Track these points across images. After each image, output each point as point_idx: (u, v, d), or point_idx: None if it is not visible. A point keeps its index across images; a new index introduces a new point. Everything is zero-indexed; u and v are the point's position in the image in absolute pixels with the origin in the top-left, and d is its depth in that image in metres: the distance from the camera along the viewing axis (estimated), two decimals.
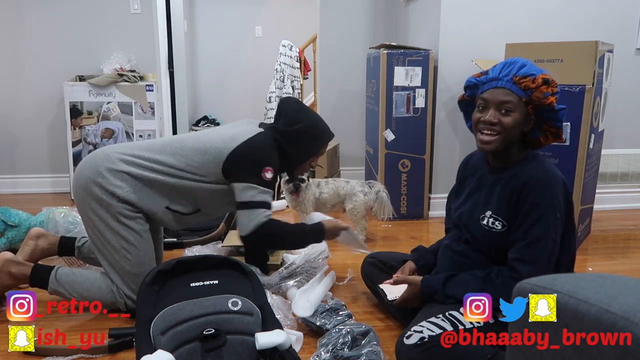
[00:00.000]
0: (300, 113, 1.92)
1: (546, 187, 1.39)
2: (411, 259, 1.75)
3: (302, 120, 1.89)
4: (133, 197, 1.74)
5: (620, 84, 2.90)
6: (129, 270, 1.76)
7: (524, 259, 1.39)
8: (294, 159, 1.93)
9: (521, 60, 1.43)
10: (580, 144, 2.30)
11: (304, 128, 1.88)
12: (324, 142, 1.99)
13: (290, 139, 1.87)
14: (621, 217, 3.03)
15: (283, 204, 3.21)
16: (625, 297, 0.68)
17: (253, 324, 1.39)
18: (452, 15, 2.87)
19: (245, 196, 1.75)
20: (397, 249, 2.48)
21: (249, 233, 1.75)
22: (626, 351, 0.62)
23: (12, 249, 2.34)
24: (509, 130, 1.40)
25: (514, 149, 1.47)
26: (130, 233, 1.75)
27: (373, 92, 3.08)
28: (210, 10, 5.94)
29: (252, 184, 1.75)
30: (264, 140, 1.82)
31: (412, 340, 1.36)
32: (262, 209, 1.76)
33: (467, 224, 1.55)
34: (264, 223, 1.74)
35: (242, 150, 1.77)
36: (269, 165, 1.78)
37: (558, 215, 1.38)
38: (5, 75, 3.44)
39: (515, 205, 1.42)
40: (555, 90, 1.40)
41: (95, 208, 1.74)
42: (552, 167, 1.45)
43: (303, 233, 1.90)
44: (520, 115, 1.41)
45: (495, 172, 1.51)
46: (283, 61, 4.82)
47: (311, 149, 1.95)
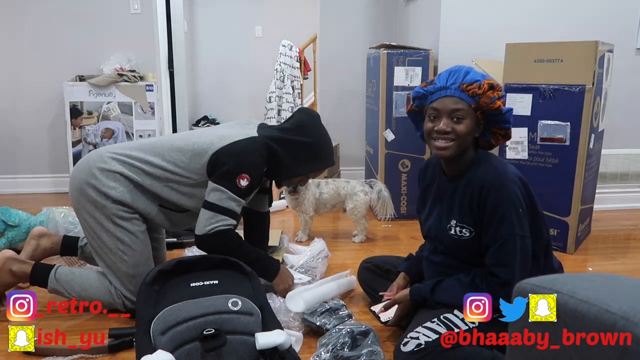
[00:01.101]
0: (315, 128, 1.88)
1: (501, 187, 1.40)
2: (403, 270, 1.75)
3: (315, 136, 1.86)
4: (127, 198, 1.74)
5: (620, 84, 2.90)
6: (125, 271, 1.75)
7: (499, 263, 1.41)
8: (286, 171, 1.88)
9: (465, 67, 1.46)
10: (580, 144, 2.30)
11: (312, 143, 1.84)
12: (324, 167, 1.95)
13: (293, 149, 1.83)
14: (621, 217, 3.03)
15: (283, 204, 3.21)
16: (625, 297, 0.68)
17: (253, 324, 1.39)
18: (452, 15, 2.87)
19: (212, 197, 1.71)
20: (397, 249, 2.49)
21: (201, 234, 1.72)
22: (626, 351, 0.62)
23: (12, 249, 2.34)
24: (462, 137, 1.43)
25: (466, 154, 1.49)
26: (126, 234, 1.74)
27: (373, 92, 3.08)
28: (210, 10, 5.94)
29: (223, 187, 1.70)
30: (251, 145, 1.76)
31: (409, 347, 1.36)
32: (224, 216, 1.71)
33: (437, 236, 1.57)
34: (219, 231, 1.70)
35: (225, 152, 1.73)
36: (246, 173, 1.72)
37: (520, 211, 1.41)
38: (6, 76, 3.44)
39: (476, 210, 1.44)
40: (500, 94, 1.43)
41: (90, 210, 1.74)
42: (502, 164, 1.47)
43: (255, 260, 1.77)
44: (472, 122, 1.44)
45: (451, 181, 1.53)
46: (283, 61, 4.82)
47: (308, 167, 1.91)
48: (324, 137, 1.90)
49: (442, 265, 1.57)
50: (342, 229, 2.81)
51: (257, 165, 1.76)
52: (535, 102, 2.39)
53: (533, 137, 2.41)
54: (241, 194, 1.73)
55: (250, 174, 1.73)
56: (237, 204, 1.73)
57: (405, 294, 1.57)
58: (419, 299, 1.53)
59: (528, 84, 2.41)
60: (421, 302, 1.53)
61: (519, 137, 2.44)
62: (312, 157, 1.87)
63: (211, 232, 1.70)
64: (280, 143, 1.82)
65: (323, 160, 1.91)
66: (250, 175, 1.73)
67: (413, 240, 2.65)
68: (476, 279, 1.44)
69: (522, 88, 2.42)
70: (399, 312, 1.59)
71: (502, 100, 1.43)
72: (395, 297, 1.62)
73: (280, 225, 2.93)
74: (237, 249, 1.74)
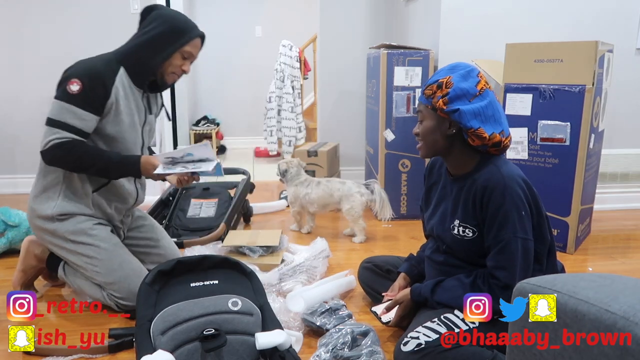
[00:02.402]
0: (156, 15, 1.77)
1: (504, 188, 1.39)
2: (404, 270, 1.75)
3: (156, 19, 1.76)
4: (65, 206, 1.75)
5: (620, 84, 2.90)
6: (103, 280, 1.77)
7: (499, 265, 1.40)
8: (151, 61, 1.75)
9: (444, 68, 1.46)
10: (580, 144, 2.30)
11: (158, 26, 1.74)
12: (185, 40, 1.77)
13: (142, 45, 1.74)
14: (621, 217, 3.03)
15: (283, 204, 3.21)
16: (625, 297, 0.68)
17: (253, 324, 1.40)
18: (452, 15, 2.87)
19: (49, 112, 1.68)
20: (397, 249, 2.49)
21: (40, 151, 1.68)
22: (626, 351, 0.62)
23: (12, 250, 2.34)
24: (424, 137, 1.48)
25: (463, 157, 1.47)
26: (87, 248, 1.76)
27: (373, 92, 3.08)
28: (210, 10, 5.94)
29: (55, 98, 1.67)
30: (95, 57, 1.74)
31: (409, 347, 1.36)
32: (57, 129, 1.65)
33: (440, 235, 1.57)
34: (54, 145, 1.64)
35: (69, 67, 1.71)
36: (76, 77, 1.64)
37: (523, 213, 1.39)
38: (6, 75, 3.44)
39: (479, 212, 1.43)
40: (444, 92, 1.40)
41: (50, 239, 1.79)
42: (508, 167, 1.45)
43: (107, 163, 1.70)
44: (432, 122, 1.45)
45: (455, 181, 1.52)
46: (283, 61, 4.82)
47: (168, 48, 1.75)
48: (166, 16, 1.78)
49: (444, 265, 1.57)
50: (342, 229, 2.81)
51: (92, 71, 1.67)
52: (535, 102, 2.39)
53: (533, 137, 2.41)
54: (74, 101, 1.64)
55: (81, 78, 1.64)
56: (72, 116, 1.65)
57: (405, 294, 1.57)
58: (419, 298, 1.53)
59: (528, 84, 2.41)
60: (422, 302, 1.53)
61: (519, 137, 2.44)
62: (166, 38, 1.75)
63: (47, 147, 1.66)
64: (128, 47, 1.77)
65: (180, 35, 1.76)
66: (82, 79, 1.64)
67: (413, 240, 2.65)
68: (477, 280, 1.43)
69: (522, 88, 2.42)
70: (400, 312, 1.59)
71: (446, 99, 1.40)
72: (396, 297, 1.62)
73: (280, 225, 2.93)
74: (78, 159, 1.68)
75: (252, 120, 6.02)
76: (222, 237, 2.42)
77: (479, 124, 1.39)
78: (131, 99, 1.77)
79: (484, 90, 1.41)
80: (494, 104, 1.42)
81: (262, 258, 2.20)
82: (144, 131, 1.88)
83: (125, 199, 1.88)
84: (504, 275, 1.38)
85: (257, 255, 2.20)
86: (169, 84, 1.84)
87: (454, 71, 1.43)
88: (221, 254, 2.20)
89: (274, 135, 4.93)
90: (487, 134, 1.40)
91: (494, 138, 1.41)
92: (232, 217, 2.61)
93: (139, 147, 1.86)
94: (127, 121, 1.77)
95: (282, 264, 2.09)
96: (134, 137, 1.81)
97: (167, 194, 2.85)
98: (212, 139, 5.51)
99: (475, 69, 1.44)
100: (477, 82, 1.41)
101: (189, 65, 1.84)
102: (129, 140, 1.79)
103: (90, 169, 1.71)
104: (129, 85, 1.77)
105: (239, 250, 2.24)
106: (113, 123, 1.73)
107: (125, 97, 1.75)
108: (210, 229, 2.49)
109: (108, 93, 1.68)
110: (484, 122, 1.40)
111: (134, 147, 1.83)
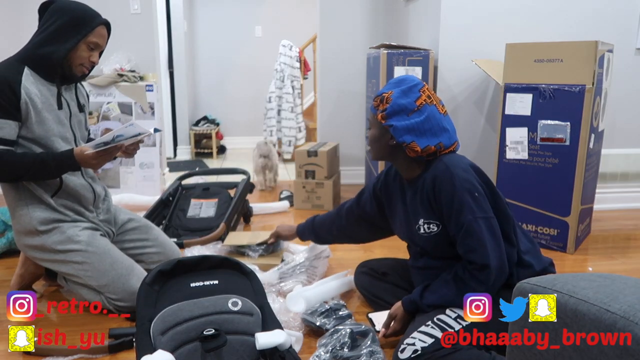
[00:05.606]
0: (52, 13, 1.74)
1: (451, 176, 1.44)
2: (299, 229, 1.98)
3: (54, 14, 1.73)
4: (39, 215, 1.75)
5: (620, 84, 2.90)
6: (97, 284, 1.78)
7: (469, 249, 1.42)
8: (53, 55, 1.71)
9: (392, 81, 1.56)
10: (580, 144, 2.30)
11: (56, 22, 1.71)
12: (87, 30, 1.73)
13: (42, 41, 1.72)
14: (621, 217, 3.03)
15: (284, 205, 3.21)
16: (625, 297, 0.68)
17: (253, 324, 1.39)
18: (452, 15, 2.87)
19: None
20: (397, 249, 2.48)
21: None
22: (626, 351, 0.62)
23: (12, 250, 2.34)
24: (371, 143, 1.59)
25: (409, 163, 1.55)
26: (75, 255, 1.77)
27: (373, 92, 3.08)
28: (210, 10, 5.94)
29: None
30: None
31: (406, 354, 1.36)
32: None
33: (411, 238, 1.61)
34: None
35: None
36: None
37: (476, 194, 1.43)
38: None
39: (436, 205, 1.48)
40: (384, 107, 1.49)
41: (40, 256, 1.80)
42: (452, 158, 1.50)
43: (41, 164, 1.67)
44: (377, 131, 1.55)
45: (411, 184, 1.58)
46: (283, 61, 4.82)
47: (71, 40, 1.72)
48: (64, 9, 1.73)
49: (427, 269, 1.59)
50: None
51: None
52: (535, 102, 2.39)
53: (533, 137, 2.41)
54: None
55: None
56: None
57: (398, 307, 1.57)
58: (412, 307, 1.53)
59: (528, 83, 2.41)
60: (415, 310, 1.53)
61: (519, 137, 2.45)
62: (68, 31, 1.72)
63: None
64: (31, 44, 1.75)
65: (82, 25, 1.73)
66: None
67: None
68: (458, 271, 1.46)
69: (522, 88, 2.42)
70: (397, 325, 1.57)
71: (384, 114, 1.49)
72: (390, 312, 1.60)
73: None
74: (11, 167, 1.65)
75: (251, 121, 6.02)
76: (222, 237, 2.43)
77: (412, 138, 1.47)
78: (47, 94, 1.73)
79: (423, 106, 1.48)
80: (432, 119, 1.48)
81: (262, 258, 2.20)
82: (73, 124, 1.83)
83: (83, 195, 1.84)
84: (477, 256, 1.40)
85: (257, 255, 2.20)
86: (78, 76, 1.80)
87: (398, 86, 1.51)
88: (221, 254, 2.20)
89: (273, 135, 4.93)
90: (419, 148, 1.47)
91: (428, 150, 1.48)
92: (232, 217, 2.61)
93: (71, 140, 1.82)
94: (51, 117, 1.73)
95: (282, 264, 2.09)
96: (63, 132, 1.77)
97: (167, 194, 2.85)
98: (212, 139, 5.51)
99: (419, 84, 1.51)
100: (417, 98, 1.48)
101: (97, 56, 1.80)
102: (59, 137, 1.75)
103: (27, 175, 1.69)
104: (41, 83, 1.73)
105: (239, 250, 2.24)
106: (38, 123, 1.70)
107: (40, 93, 1.71)
108: (210, 229, 2.49)
109: (18, 95, 1.65)
110: (418, 136, 1.47)
111: (67, 143, 1.79)
